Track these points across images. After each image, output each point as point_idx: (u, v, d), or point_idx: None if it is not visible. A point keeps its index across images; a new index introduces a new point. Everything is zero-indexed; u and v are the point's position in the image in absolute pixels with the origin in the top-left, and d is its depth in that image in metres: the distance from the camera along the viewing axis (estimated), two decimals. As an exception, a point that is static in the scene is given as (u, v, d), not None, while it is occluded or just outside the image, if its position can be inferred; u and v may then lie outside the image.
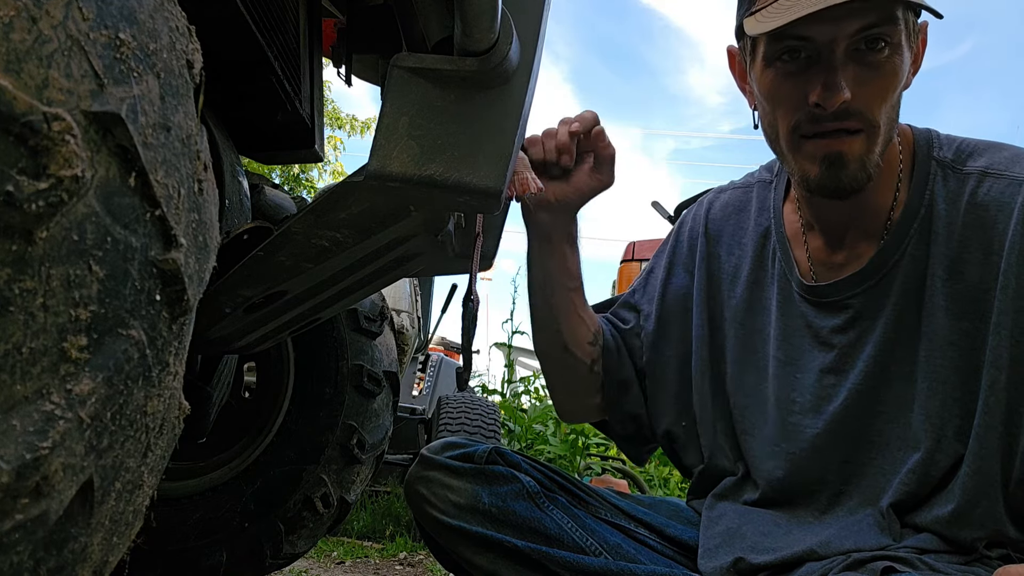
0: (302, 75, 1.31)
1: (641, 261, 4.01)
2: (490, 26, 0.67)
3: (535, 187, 0.92)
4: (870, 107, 0.83)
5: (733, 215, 1.10)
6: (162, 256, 0.47)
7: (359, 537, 3.03)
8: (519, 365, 6.56)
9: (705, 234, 1.11)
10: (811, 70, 0.84)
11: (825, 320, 0.95)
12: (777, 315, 1.00)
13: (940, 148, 0.92)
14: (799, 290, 0.98)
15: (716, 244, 1.10)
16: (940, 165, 0.91)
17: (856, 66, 0.82)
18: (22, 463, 0.37)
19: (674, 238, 1.17)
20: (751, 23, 0.86)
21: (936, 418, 0.86)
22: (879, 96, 0.84)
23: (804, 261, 0.99)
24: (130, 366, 0.45)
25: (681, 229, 1.17)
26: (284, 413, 1.71)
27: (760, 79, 0.89)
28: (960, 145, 0.92)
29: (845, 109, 0.82)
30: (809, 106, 0.84)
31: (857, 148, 0.85)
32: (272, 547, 1.63)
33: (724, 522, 0.99)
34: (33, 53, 0.37)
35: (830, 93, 0.81)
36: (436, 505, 1.00)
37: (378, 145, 0.72)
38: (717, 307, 1.07)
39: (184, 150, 0.50)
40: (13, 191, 0.36)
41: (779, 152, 0.92)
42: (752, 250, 1.05)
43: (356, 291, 1.10)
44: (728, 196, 1.13)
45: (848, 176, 0.86)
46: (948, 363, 0.86)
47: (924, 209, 0.89)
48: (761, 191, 1.09)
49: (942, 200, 0.89)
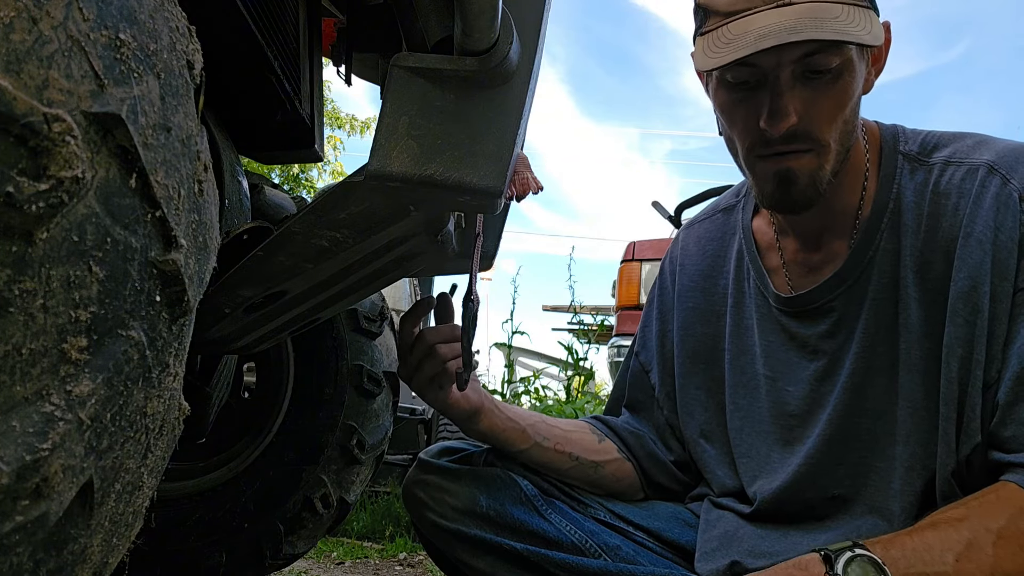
0: (302, 75, 1.31)
1: (641, 261, 4.00)
2: (490, 26, 0.67)
3: (535, 187, 0.92)
4: (819, 128, 0.84)
5: (708, 246, 1.11)
6: (162, 257, 0.47)
7: (359, 538, 3.03)
8: (519, 365, 6.56)
9: (681, 271, 1.12)
10: (759, 94, 0.84)
11: (809, 328, 0.95)
12: (758, 332, 1.00)
13: (906, 142, 0.92)
14: (776, 304, 0.98)
15: (698, 278, 1.10)
16: (906, 159, 0.91)
17: (803, 88, 0.82)
18: (22, 464, 0.37)
19: (659, 285, 1.17)
20: (699, 55, 0.86)
21: (923, 411, 0.86)
22: (828, 116, 0.84)
23: (779, 269, 0.99)
24: (130, 367, 0.45)
25: (663, 275, 1.17)
26: (284, 413, 1.70)
27: (715, 98, 0.90)
28: (925, 138, 0.92)
29: (793, 133, 0.83)
30: (760, 129, 0.84)
31: (807, 165, 0.85)
32: (272, 548, 1.63)
33: (722, 525, 0.99)
34: (33, 54, 0.37)
35: (775, 120, 0.82)
36: (434, 509, 1.00)
37: (378, 145, 0.72)
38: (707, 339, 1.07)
39: (184, 151, 0.50)
40: (13, 192, 0.36)
41: (740, 167, 0.93)
42: (732, 273, 1.06)
43: (356, 291, 1.10)
44: (699, 229, 1.14)
45: (798, 192, 0.86)
46: (926, 353, 0.86)
47: (892, 203, 0.90)
48: (727, 216, 1.10)
49: (910, 192, 0.89)
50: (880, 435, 0.89)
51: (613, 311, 4.51)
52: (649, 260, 3.97)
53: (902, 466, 0.87)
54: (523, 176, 0.93)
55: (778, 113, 0.82)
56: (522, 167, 0.94)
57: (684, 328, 1.10)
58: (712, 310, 1.07)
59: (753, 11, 0.81)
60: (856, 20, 0.79)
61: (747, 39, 0.79)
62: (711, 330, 1.07)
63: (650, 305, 1.18)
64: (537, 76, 0.78)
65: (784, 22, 0.78)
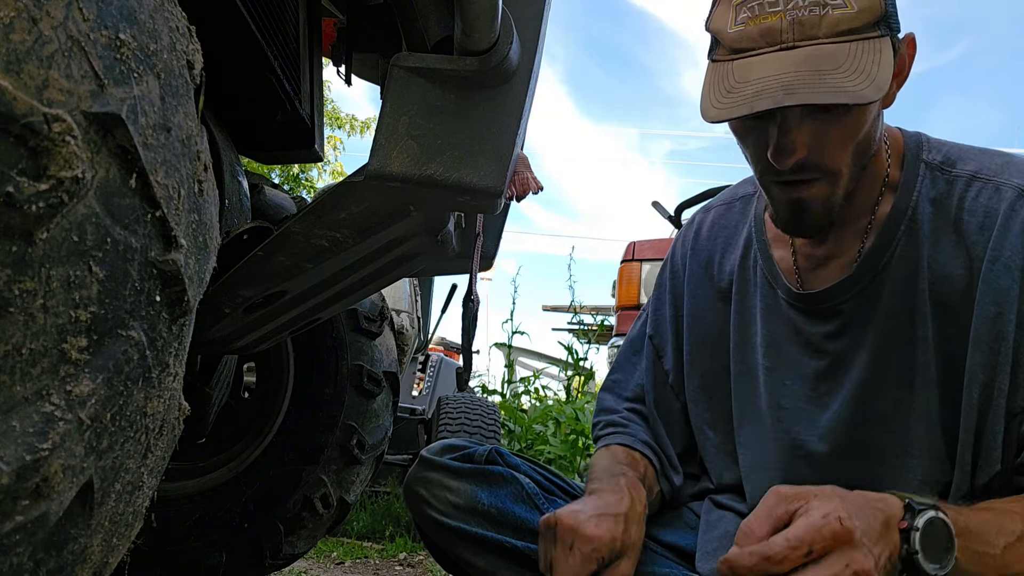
0: (302, 75, 1.31)
1: (641, 261, 4.00)
2: (490, 26, 0.67)
3: (535, 187, 0.92)
4: (829, 158, 0.82)
5: (721, 232, 1.10)
6: (162, 257, 0.47)
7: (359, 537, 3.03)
8: (519, 365, 6.56)
9: (692, 255, 1.11)
10: (768, 123, 0.82)
11: (816, 327, 0.94)
12: (761, 321, 0.99)
13: (929, 151, 0.91)
14: (787, 297, 0.97)
15: (708, 265, 1.10)
16: (928, 167, 0.90)
17: (813, 120, 0.81)
18: (22, 464, 0.37)
19: (670, 267, 1.16)
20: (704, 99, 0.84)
21: (939, 426, 0.85)
22: (839, 146, 0.82)
23: (788, 261, 0.98)
24: (130, 367, 0.45)
25: (674, 257, 1.16)
26: (284, 413, 1.70)
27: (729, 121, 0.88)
28: (950, 150, 0.91)
29: (801, 165, 0.82)
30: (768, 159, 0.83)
31: (818, 193, 0.84)
32: (271, 547, 1.63)
33: (723, 526, 0.99)
34: (33, 54, 0.37)
35: (781, 156, 0.81)
36: (435, 506, 1.00)
37: (378, 145, 0.72)
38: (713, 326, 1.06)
39: (184, 151, 0.50)
40: (13, 192, 0.36)
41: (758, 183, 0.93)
42: (739, 261, 1.05)
43: (356, 291, 1.10)
44: (714, 215, 1.13)
45: (810, 220, 0.86)
46: (940, 369, 0.85)
47: (911, 209, 0.88)
48: (744, 205, 1.09)
49: (928, 202, 0.88)
50: (886, 445, 0.88)
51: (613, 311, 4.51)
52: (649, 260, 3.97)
53: (916, 479, 0.86)
54: (523, 176, 0.93)
55: (784, 150, 0.81)
56: (522, 167, 0.94)
57: (693, 315, 1.09)
58: (718, 297, 1.07)
59: (756, 52, 0.80)
60: (861, 66, 0.77)
61: (745, 93, 0.78)
62: (717, 317, 1.06)
63: (661, 288, 1.16)
64: (537, 76, 0.79)
65: (782, 76, 0.77)
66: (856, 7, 0.78)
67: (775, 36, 0.79)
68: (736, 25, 0.82)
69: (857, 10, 0.78)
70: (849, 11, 0.78)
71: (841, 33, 0.78)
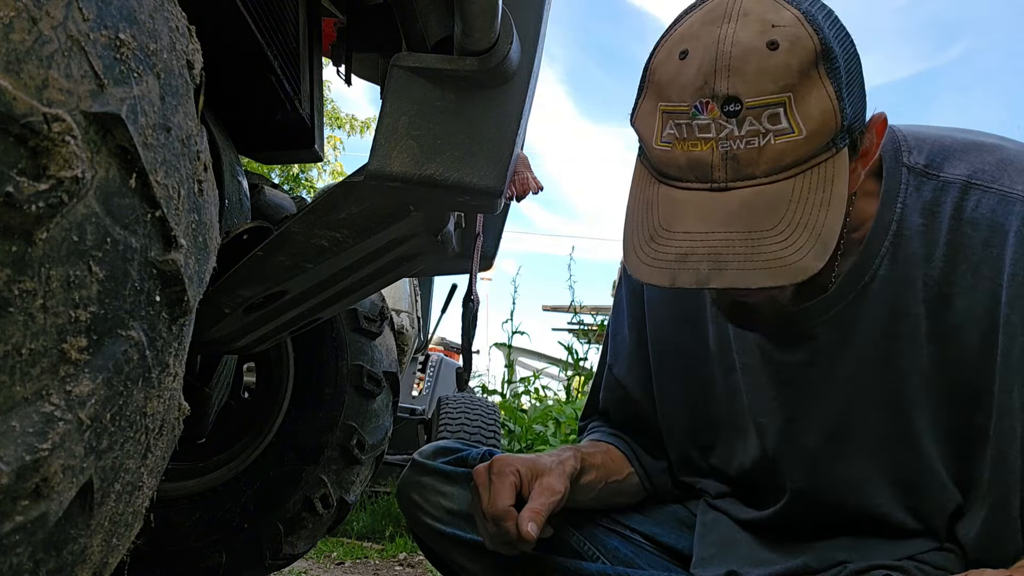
0: (302, 75, 1.31)
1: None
2: (490, 26, 0.67)
3: (535, 187, 0.92)
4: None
5: None
6: (162, 257, 0.47)
7: (359, 538, 3.03)
8: (519, 365, 6.56)
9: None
10: None
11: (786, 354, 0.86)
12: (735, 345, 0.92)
13: (909, 152, 0.80)
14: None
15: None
16: (912, 172, 0.79)
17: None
18: (22, 464, 0.37)
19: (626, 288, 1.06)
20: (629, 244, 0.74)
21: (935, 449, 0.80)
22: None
23: None
24: (130, 367, 0.45)
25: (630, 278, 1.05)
26: (284, 413, 1.70)
27: None
28: (932, 147, 0.80)
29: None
30: None
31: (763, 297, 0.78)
32: (271, 548, 1.63)
33: (719, 531, 0.96)
34: (33, 53, 0.37)
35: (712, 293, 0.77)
36: (430, 512, 0.98)
37: (378, 145, 0.72)
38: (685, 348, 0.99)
39: (184, 151, 0.50)
40: (13, 192, 0.36)
41: None
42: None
43: (356, 291, 1.10)
44: None
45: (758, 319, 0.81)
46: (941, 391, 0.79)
47: (895, 224, 0.78)
48: None
49: (916, 213, 0.78)
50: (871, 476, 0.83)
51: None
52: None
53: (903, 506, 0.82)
54: (523, 176, 0.93)
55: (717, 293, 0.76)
56: (522, 167, 0.94)
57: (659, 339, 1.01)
58: (687, 317, 0.98)
59: (683, 186, 0.70)
60: (805, 217, 0.66)
61: (667, 249, 0.69)
62: (688, 339, 0.98)
63: (619, 311, 1.06)
64: (537, 76, 0.78)
65: (709, 238, 0.67)
66: (806, 130, 0.66)
67: (705, 172, 0.68)
68: (662, 142, 0.71)
69: (807, 134, 0.66)
70: (795, 137, 0.66)
71: (785, 168, 0.67)
